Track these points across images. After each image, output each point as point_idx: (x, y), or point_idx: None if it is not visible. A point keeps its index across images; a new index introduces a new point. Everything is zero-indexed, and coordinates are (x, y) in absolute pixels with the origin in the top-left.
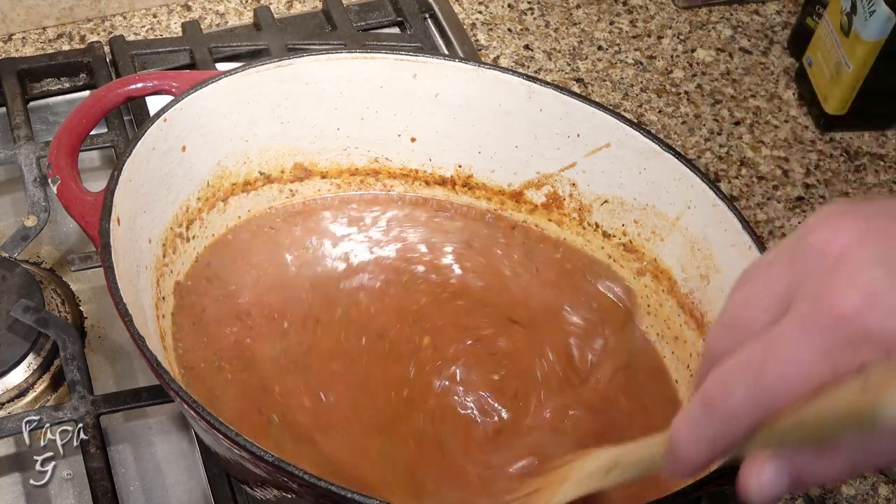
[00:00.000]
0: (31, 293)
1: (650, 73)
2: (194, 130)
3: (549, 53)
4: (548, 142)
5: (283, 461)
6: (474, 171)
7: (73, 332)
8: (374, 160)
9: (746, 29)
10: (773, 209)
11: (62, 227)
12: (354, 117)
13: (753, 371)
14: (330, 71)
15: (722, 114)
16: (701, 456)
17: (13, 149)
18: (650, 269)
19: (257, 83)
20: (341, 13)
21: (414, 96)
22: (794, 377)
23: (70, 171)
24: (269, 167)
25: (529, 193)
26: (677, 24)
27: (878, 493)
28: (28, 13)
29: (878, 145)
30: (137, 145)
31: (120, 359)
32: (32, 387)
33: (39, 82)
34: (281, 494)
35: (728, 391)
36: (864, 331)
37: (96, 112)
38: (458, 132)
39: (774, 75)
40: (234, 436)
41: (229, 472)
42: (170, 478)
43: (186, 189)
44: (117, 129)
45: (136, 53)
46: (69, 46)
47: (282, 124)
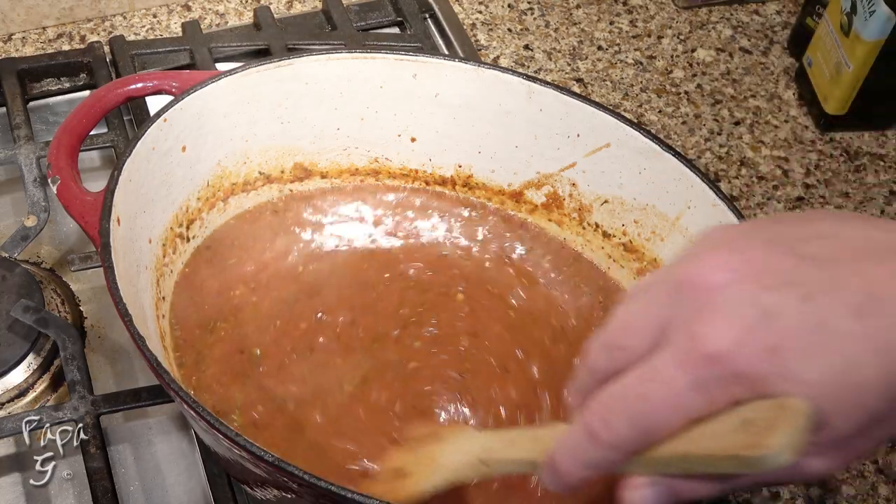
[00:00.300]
0: (31, 293)
1: (650, 73)
2: (194, 130)
3: (549, 53)
4: (548, 142)
5: (283, 461)
6: (474, 171)
7: (73, 332)
8: (374, 160)
9: (746, 29)
10: (773, 209)
11: (62, 227)
12: (354, 117)
13: (632, 404)
14: (330, 71)
15: (722, 114)
16: (579, 477)
17: (13, 149)
18: (650, 268)
19: (257, 83)
20: (341, 13)
21: (414, 96)
22: (670, 410)
23: (70, 171)
24: (269, 167)
25: (529, 193)
26: (677, 24)
27: (878, 493)
28: (28, 13)
29: (878, 145)
30: (137, 145)
31: (120, 359)
32: (32, 387)
33: (39, 82)
34: (281, 494)
35: (609, 424)
36: (733, 370)
37: (96, 112)
38: (458, 132)
39: (774, 75)
40: (234, 436)
41: (229, 472)
42: (170, 478)
43: (186, 189)
44: (117, 129)
45: (136, 53)
46: (69, 46)
47: (282, 124)
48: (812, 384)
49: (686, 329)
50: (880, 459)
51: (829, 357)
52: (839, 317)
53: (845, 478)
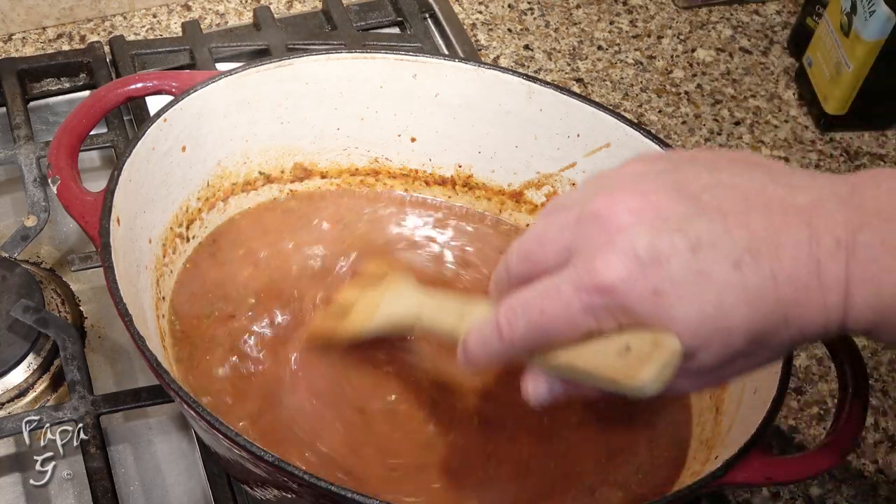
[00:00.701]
0: (31, 293)
1: (650, 73)
2: (194, 130)
3: (549, 53)
4: (548, 142)
5: (283, 461)
6: (474, 171)
7: (73, 332)
8: (374, 160)
9: (746, 29)
10: None
11: (62, 227)
12: (354, 117)
13: (532, 313)
14: (330, 71)
15: (722, 114)
16: (484, 364)
17: (13, 149)
18: None
19: (257, 83)
20: (341, 13)
21: (414, 96)
22: (563, 325)
23: (70, 171)
24: (269, 167)
25: (529, 193)
26: (677, 24)
27: (878, 493)
28: (28, 13)
29: (878, 145)
30: (137, 145)
31: (120, 359)
32: (32, 387)
33: (39, 82)
34: (281, 494)
35: (512, 325)
36: (620, 303)
37: (96, 112)
38: (458, 132)
39: (774, 75)
40: (234, 436)
41: (229, 472)
42: (170, 478)
43: (186, 189)
44: (117, 129)
45: (136, 53)
46: (69, 46)
47: (282, 124)
48: (686, 326)
49: (587, 258)
50: (880, 459)
51: (704, 305)
52: (720, 267)
53: (845, 478)
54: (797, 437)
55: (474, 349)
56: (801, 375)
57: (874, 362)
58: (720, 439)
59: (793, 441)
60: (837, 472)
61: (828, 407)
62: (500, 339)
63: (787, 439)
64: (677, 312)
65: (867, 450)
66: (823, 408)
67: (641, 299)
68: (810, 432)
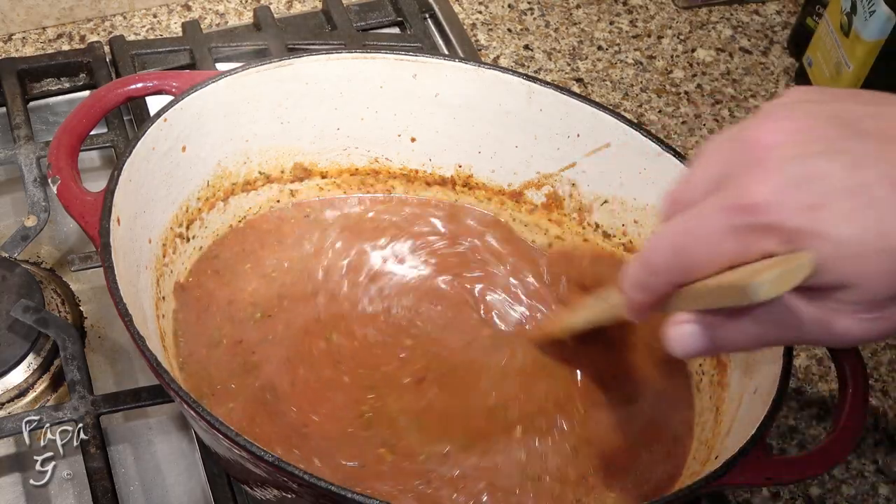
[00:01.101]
0: (31, 293)
1: (650, 73)
2: (194, 130)
3: (549, 53)
4: (548, 142)
5: (283, 461)
6: (474, 171)
7: (73, 332)
8: (374, 160)
9: (746, 29)
10: None
11: (62, 227)
12: (354, 117)
13: (677, 236)
14: (330, 71)
15: (722, 114)
16: (639, 301)
17: (13, 149)
18: None
19: (257, 83)
20: (341, 13)
21: (414, 96)
22: (706, 247)
23: (70, 171)
24: (269, 167)
25: (529, 193)
26: (677, 24)
27: (878, 493)
28: (28, 13)
29: None
30: (137, 145)
31: (120, 359)
32: (32, 387)
33: (39, 82)
34: (281, 494)
35: (656, 249)
36: (768, 222)
37: (96, 112)
38: (458, 132)
39: (774, 75)
40: (234, 436)
41: (229, 472)
42: (170, 478)
43: (186, 189)
44: (117, 129)
45: (136, 53)
46: (69, 46)
47: (282, 124)
48: (844, 243)
49: (735, 181)
50: (880, 459)
51: (864, 221)
52: (880, 187)
53: (845, 478)
54: (797, 437)
55: (623, 283)
56: (801, 375)
57: (874, 362)
58: (720, 439)
59: (793, 441)
60: (837, 472)
61: (828, 407)
62: (643, 267)
63: (787, 439)
64: (833, 229)
65: (867, 450)
66: (823, 408)
67: (794, 215)
68: (810, 432)
